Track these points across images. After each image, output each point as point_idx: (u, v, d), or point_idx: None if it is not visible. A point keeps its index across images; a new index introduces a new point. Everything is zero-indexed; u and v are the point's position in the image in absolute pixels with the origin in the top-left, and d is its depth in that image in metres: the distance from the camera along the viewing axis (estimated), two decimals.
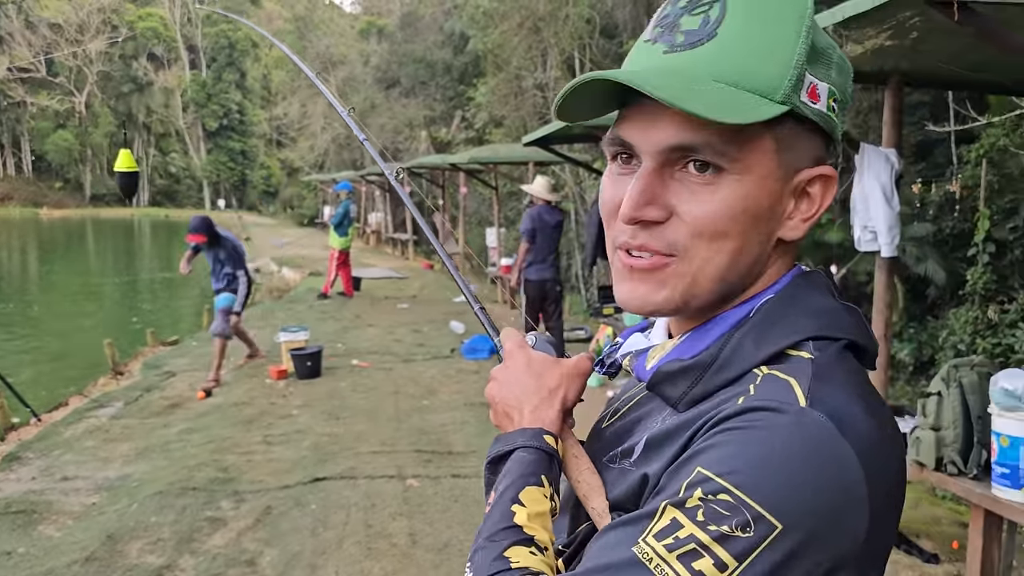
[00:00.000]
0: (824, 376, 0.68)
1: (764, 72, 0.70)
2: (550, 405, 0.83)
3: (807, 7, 0.72)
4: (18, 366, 10.41)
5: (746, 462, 0.63)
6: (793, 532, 0.61)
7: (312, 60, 37.92)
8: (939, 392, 3.62)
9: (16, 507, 4.67)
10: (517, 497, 0.76)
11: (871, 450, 0.65)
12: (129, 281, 22.77)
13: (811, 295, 0.75)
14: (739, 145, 0.70)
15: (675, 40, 0.73)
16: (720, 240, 0.72)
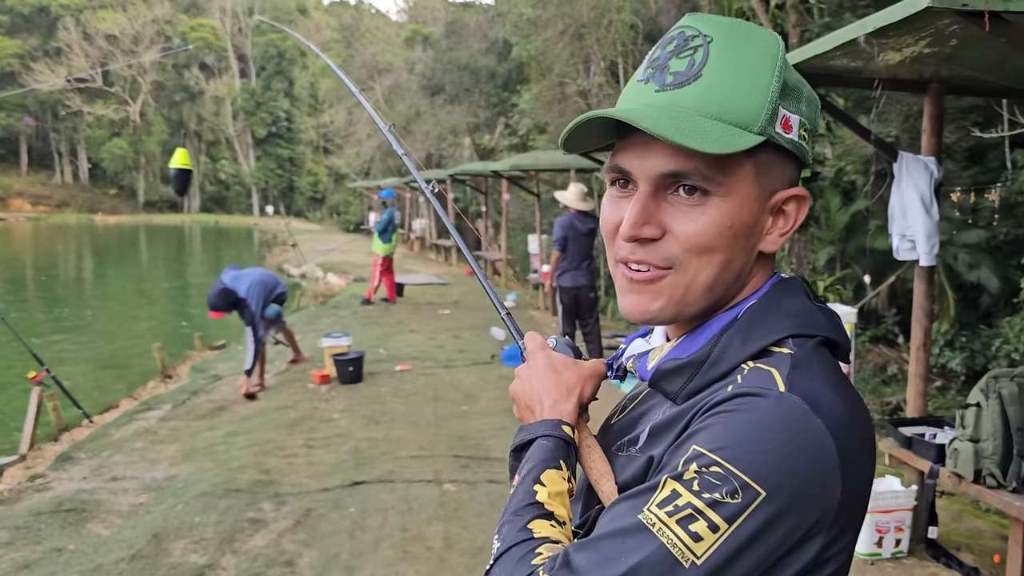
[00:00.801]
0: (801, 367, 0.78)
1: (743, 107, 0.81)
2: (568, 400, 0.93)
3: (778, 50, 0.83)
4: (72, 369, 10.76)
5: (733, 439, 0.73)
6: (775, 498, 0.71)
7: (358, 68, 38.45)
8: (978, 403, 3.58)
9: (68, 506, 4.84)
10: (539, 478, 0.86)
11: (842, 428, 0.75)
12: (180, 286, 23.32)
13: (789, 299, 0.86)
14: (723, 171, 0.81)
15: (665, 80, 0.84)
16: (709, 254, 0.83)
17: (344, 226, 43.25)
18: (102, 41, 68.52)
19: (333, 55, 52.95)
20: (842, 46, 3.39)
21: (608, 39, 14.72)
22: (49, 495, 5.10)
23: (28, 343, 7.36)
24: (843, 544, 0.77)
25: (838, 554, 0.77)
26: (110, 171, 70.83)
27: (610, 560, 0.73)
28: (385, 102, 35.36)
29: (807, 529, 0.74)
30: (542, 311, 11.78)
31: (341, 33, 47.54)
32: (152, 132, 71.16)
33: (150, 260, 34.07)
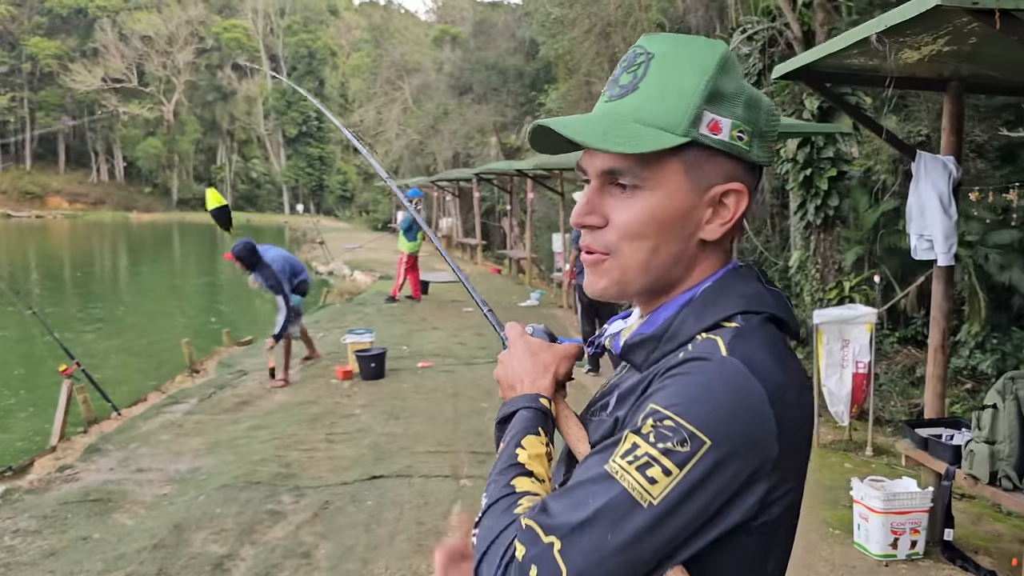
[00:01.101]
0: (743, 336, 0.89)
1: (667, 113, 0.92)
2: (544, 376, 1.05)
3: (712, 62, 0.93)
4: (103, 363, 10.99)
5: (683, 397, 0.84)
6: (718, 446, 0.81)
7: (387, 68, 38.71)
8: (994, 404, 3.55)
9: (94, 495, 4.96)
10: (520, 443, 0.97)
11: (777, 388, 0.85)
12: (209, 282, 23.66)
13: (741, 283, 0.96)
14: (649, 168, 0.92)
15: (614, 92, 0.97)
16: (638, 240, 0.94)
17: (372, 224, 43.54)
18: (137, 42, 69.60)
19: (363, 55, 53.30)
20: (858, 45, 3.38)
21: (635, 38, 14.68)
22: (77, 485, 5.22)
23: (59, 337, 7.53)
24: (785, 490, 0.87)
25: (781, 498, 0.87)
26: (145, 170, 71.95)
27: (580, 504, 0.83)
28: (413, 102, 35.57)
29: (750, 474, 0.83)
30: (565, 309, 11.79)
31: (371, 33, 47.85)
32: (185, 131, 72.16)
33: (182, 257, 34.58)
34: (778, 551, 0.92)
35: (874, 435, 5.98)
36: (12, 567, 3.97)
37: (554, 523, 0.83)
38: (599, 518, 0.81)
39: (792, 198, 10.06)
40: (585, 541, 0.81)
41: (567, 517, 0.82)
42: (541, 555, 0.82)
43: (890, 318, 10.83)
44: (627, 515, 0.81)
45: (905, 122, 11.35)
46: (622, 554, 0.81)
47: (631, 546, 0.81)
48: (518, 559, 0.83)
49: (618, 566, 0.81)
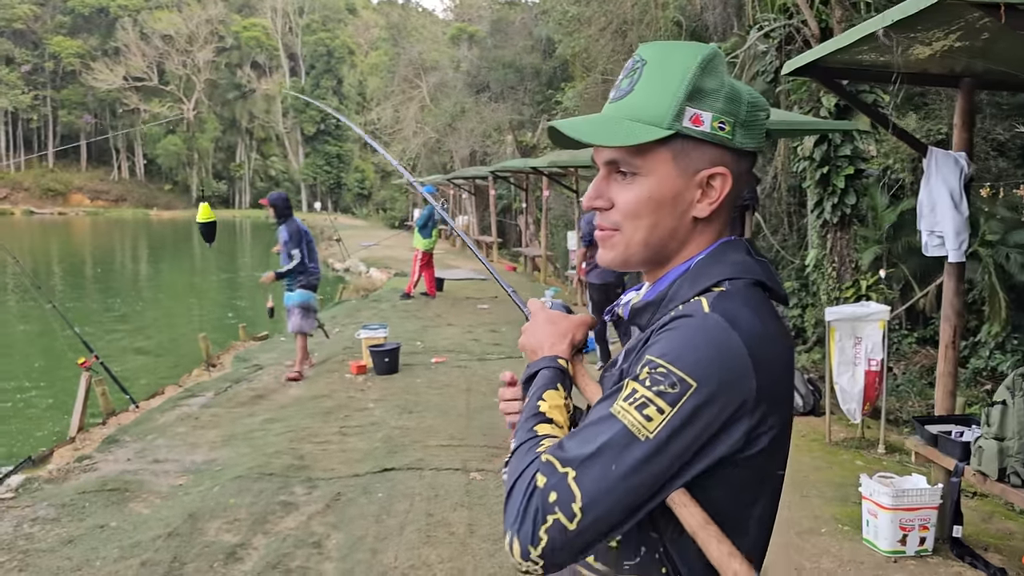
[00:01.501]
0: (726, 296, 1.03)
1: (655, 110, 1.06)
2: (562, 342, 1.20)
3: (695, 63, 1.06)
4: (123, 357, 11.14)
5: (672, 348, 0.99)
6: (703, 387, 0.96)
7: (405, 66, 38.78)
8: (1004, 401, 3.54)
9: (111, 485, 5.04)
10: (542, 396, 1.12)
11: (755, 341, 0.99)
12: (228, 279, 23.85)
13: (732, 253, 1.10)
14: (643, 157, 1.08)
15: (615, 95, 1.13)
16: (637, 219, 1.10)
17: (390, 222, 43.70)
18: (158, 41, 70.19)
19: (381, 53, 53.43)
20: (866, 40, 3.38)
21: (651, 36, 14.66)
22: (95, 475, 5.31)
23: (78, 331, 7.64)
24: (768, 426, 1.00)
25: (765, 433, 1.00)
26: (165, 167, 72.63)
27: (588, 440, 0.98)
28: (431, 100, 35.64)
29: (732, 412, 0.97)
30: (580, 307, 11.81)
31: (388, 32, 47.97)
32: (205, 129, 72.71)
33: (202, 254, 34.86)
34: (770, 481, 1.06)
35: (887, 433, 5.96)
36: (31, 553, 4.05)
37: (568, 456, 0.97)
38: (604, 451, 0.96)
39: (809, 196, 10.00)
40: (594, 470, 0.95)
41: (578, 451, 0.97)
42: (559, 483, 0.95)
43: (909, 318, 10.75)
44: (627, 448, 0.95)
45: (925, 120, 11.26)
46: (625, 481, 0.95)
47: (632, 474, 0.95)
48: (540, 487, 0.96)
49: (623, 491, 0.95)
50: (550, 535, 0.94)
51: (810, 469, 5.29)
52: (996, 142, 10.95)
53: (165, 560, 3.91)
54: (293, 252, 7.77)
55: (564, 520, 0.94)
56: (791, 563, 3.93)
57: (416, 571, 3.79)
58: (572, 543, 0.95)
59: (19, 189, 70.58)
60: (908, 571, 3.85)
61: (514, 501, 0.98)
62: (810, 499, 4.75)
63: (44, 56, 71.15)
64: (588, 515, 0.94)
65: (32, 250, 32.91)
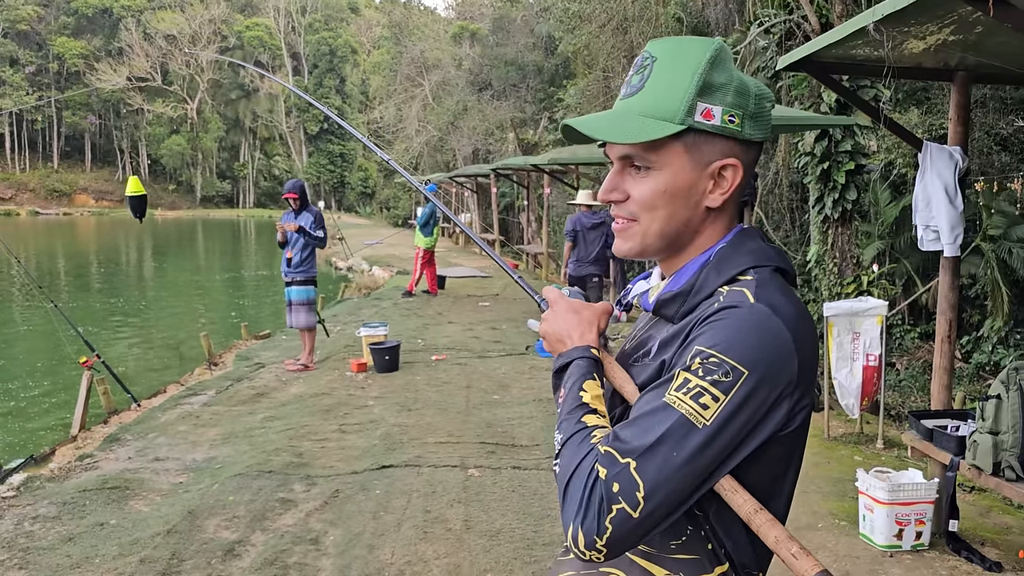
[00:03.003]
0: (763, 285, 1.08)
1: (666, 106, 1.10)
2: (591, 330, 1.22)
3: (704, 59, 1.10)
4: (125, 356, 11.18)
5: (724, 338, 1.03)
6: (755, 373, 1.01)
7: (407, 65, 38.78)
8: (998, 395, 3.54)
9: (112, 483, 5.06)
10: (583, 387, 1.14)
11: (795, 324, 1.05)
12: (232, 278, 23.91)
13: (749, 242, 1.15)
14: (655, 152, 1.12)
15: (626, 91, 1.16)
16: (653, 210, 1.14)
17: (393, 221, 43.75)
18: (161, 41, 70.30)
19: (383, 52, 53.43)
20: (858, 35, 3.38)
21: (652, 32, 14.64)
22: (96, 474, 5.33)
23: (79, 330, 7.67)
24: (803, 404, 1.07)
25: (801, 411, 1.07)
26: (169, 167, 72.76)
27: (647, 431, 1.01)
28: (433, 98, 35.64)
29: (778, 395, 1.03)
30: None
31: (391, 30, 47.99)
32: (209, 129, 72.81)
33: (206, 253, 34.95)
34: (798, 453, 1.13)
35: (887, 428, 5.96)
36: (31, 551, 4.07)
37: (628, 447, 1.00)
38: (664, 440, 1.00)
39: (810, 192, 10.00)
40: (656, 459, 0.99)
41: (638, 441, 1.00)
42: (621, 473, 0.99)
43: (911, 314, 10.73)
44: (687, 436, 1.00)
45: (927, 115, 11.23)
46: (685, 467, 1.00)
47: (692, 460, 1.00)
48: (602, 478, 1.00)
49: (683, 477, 1.00)
50: (615, 524, 0.98)
51: (808, 465, 5.29)
52: (999, 136, 10.92)
53: (164, 557, 3.93)
54: (318, 232, 8.05)
55: (628, 509, 0.98)
56: None
57: (413, 567, 3.80)
58: (636, 530, 0.99)
59: (24, 190, 70.82)
60: (904, 565, 3.85)
61: (574, 494, 1.01)
62: (808, 494, 4.75)
63: (48, 57, 71.34)
64: (651, 503, 0.98)
65: (37, 250, 33.02)
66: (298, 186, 8.20)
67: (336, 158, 73.48)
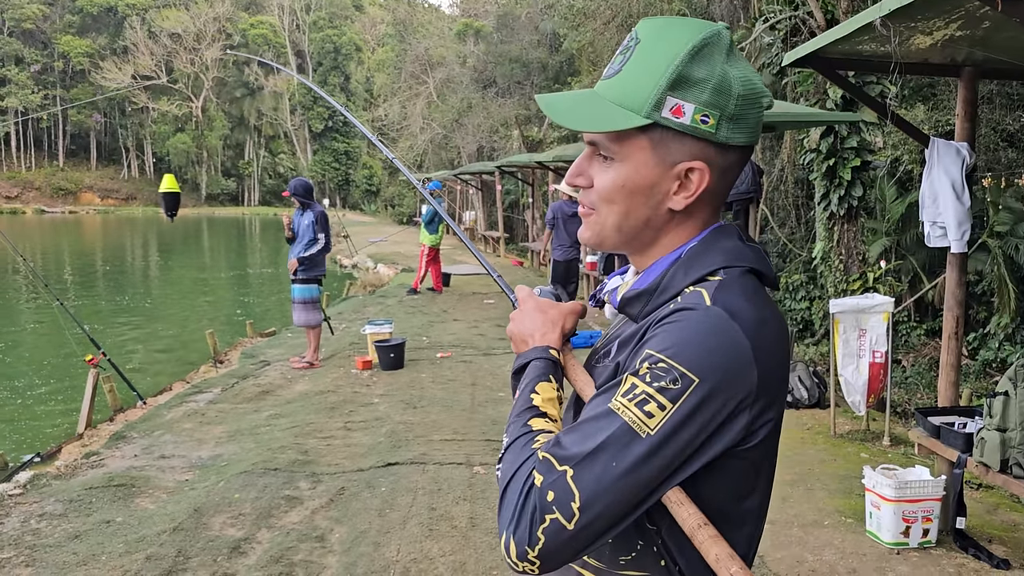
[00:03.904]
0: (725, 287, 1.00)
1: (635, 96, 1.02)
2: (553, 331, 1.17)
3: (679, 53, 1.00)
4: (130, 354, 11.21)
5: (674, 342, 0.95)
6: (706, 382, 0.93)
7: (412, 62, 38.77)
8: (1006, 392, 3.52)
9: (118, 481, 5.08)
10: (535, 389, 1.10)
11: (755, 330, 0.97)
12: (237, 276, 23.95)
13: (724, 240, 1.07)
14: (619, 143, 1.05)
15: (606, 72, 1.08)
16: (611, 204, 1.08)
17: (398, 218, 43.74)
18: (166, 39, 70.41)
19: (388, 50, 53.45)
20: (865, 30, 3.36)
21: None
22: (102, 471, 5.34)
23: (86, 328, 7.69)
24: (766, 419, 0.99)
25: (763, 426, 0.99)
26: (174, 165, 72.83)
27: (588, 437, 0.95)
28: (437, 96, 35.63)
29: (734, 407, 0.95)
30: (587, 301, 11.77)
31: (395, 28, 47.98)
32: (214, 127, 72.92)
33: (212, 251, 35.01)
34: (766, 472, 1.05)
35: (894, 425, 5.94)
36: (38, 548, 4.08)
37: (566, 454, 0.94)
38: (604, 448, 0.93)
39: (816, 188, 9.97)
40: (594, 468, 0.93)
41: (577, 448, 0.94)
42: (557, 481, 0.93)
43: (917, 310, 10.70)
44: (628, 445, 0.93)
45: (933, 111, 11.19)
46: (625, 478, 0.93)
47: (633, 471, 0.93)
48: (537, 486, 0.94)
49: (623, 489, 0.93)
50: (547, 535, 0.92)
51: (814, 462, 5.28)
52: (1006, 132, 10.87)
53: (170, 554, 3.94)
54: (319, 236, 7.95)
55: (562, 520, 0.92)
56: (793, 556, 3.92)
57: (418, 564, 3.80)
58: (570, 543, 0.93)
59: (30, 188, 71.02)
60: (911, 563, 3.84)
61: (509, 501, 0.96)
62: (814, 492, 4.74)
63: (54, 56, 71.50)
64: (587, 514, 0.92)
65: (43, 249, 33.11)
66: (301, 185, 8.16)
67: (341, 156, 73.55)
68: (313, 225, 7.93)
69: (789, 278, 11.65)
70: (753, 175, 6.47)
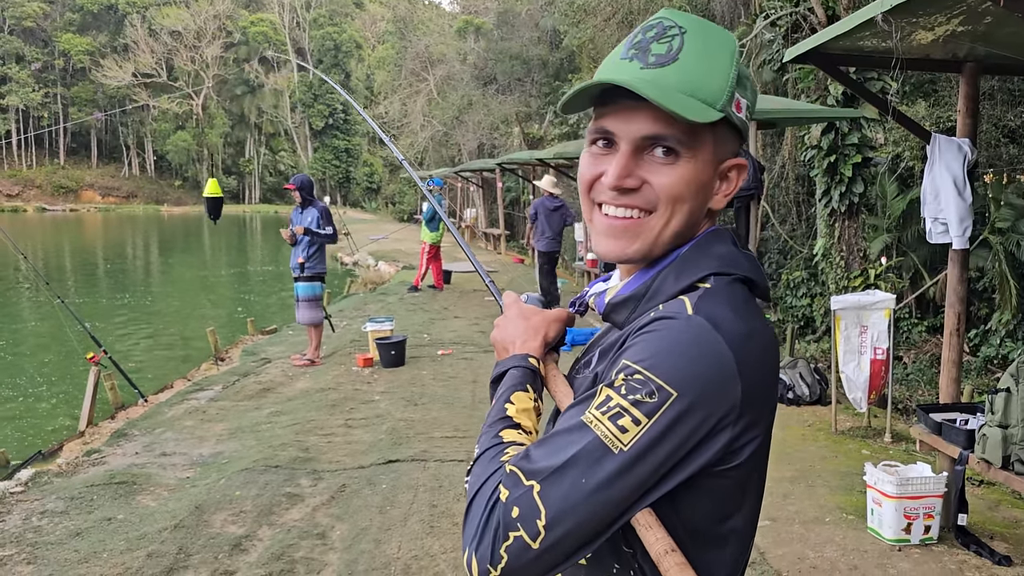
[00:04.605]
0: (710, 296, 0.96)
1: (711, 88, 0.98)
2: (535, 339, 1.12)
3: (735, 45, 1.00)
4: (131, 352, 11.21)
5: (651, 353, 0.90)
6: (684, 396, 0.88)
7: (412, 60, 38.72)
8: (1008, 388, 3.52)
9: (119, 478, 5.08)
10: (509, 398, 1.05)
11: (740, 343, 0.91)
12: (238, 273, 23.95)
13: (717, 245, 1.03)
14: (693, 137, 0.98)
15: (648, 60, 0.99)
16: (679, 203, 1.00)
17: (399, 216, 43.71)
18: (166, 37, 70.37)
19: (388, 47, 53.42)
20: (866, 26, 3.35)
21: None
22: (103, 469, 5.35)
23: (87, 326, 7.69)
24: (751, 436, 0.94)
25: (748, 444, 0.93)
26: (175, 163, 72.83)
27: (558, 450, 0.90)
28: (438, 93, 35.60)
29: (715, 423, 0.89)
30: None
31: (395, 25, 47.93)
32: (214, 125, 72.89)
33: (212, 249, 35.01)
34: (753, 493, 1.00)
35: (895, 422, 5.94)
36: (39, 546, 4.08)
37: (534, 468, 0.89)
38: (574, 463, 0.88)
39: (817, 185, 9.96)
40: (562, 484, 0.88)
41: (545, 463, 0.89)
42: (522, 497, 0.88)
43: (919, 307, 10.69)
44: (600, 461, 0.88)
45: (934, 107, 11.17)
46: (595, 496, 0.87)
47: (603, 489, 0.87)
48: (502, 501, 0.89)
49: (592, 507, 0.87)
50: (511, 554, 0.87)
51: (816, 459, 5.28)
52: (1007, 128, 10.85)
53: (171, 552, 3.94)
54: (327, 229, 8.05)
55: (527, 538, 0.87)
56: (795, 552, 3.92)
57: (419, 561, 3.80)
58: (535, 563, 0.88)
59: (31, 186, 71.02)
60: (913, 560, 3.84)
61: (474, 515, 0.92)
62: (815, 488, 4.74)
63: (54, 54, 71.47)
64: (553, 533, 0.87)
65: (44, 247, 33.12)
66: (303, 181, 8.20)
67: (341, 153, 73.50)
68: (318, 220, 7.99)
69: (790, 275, 11.64)
70: (754, 172, 6.46)
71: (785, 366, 6.78)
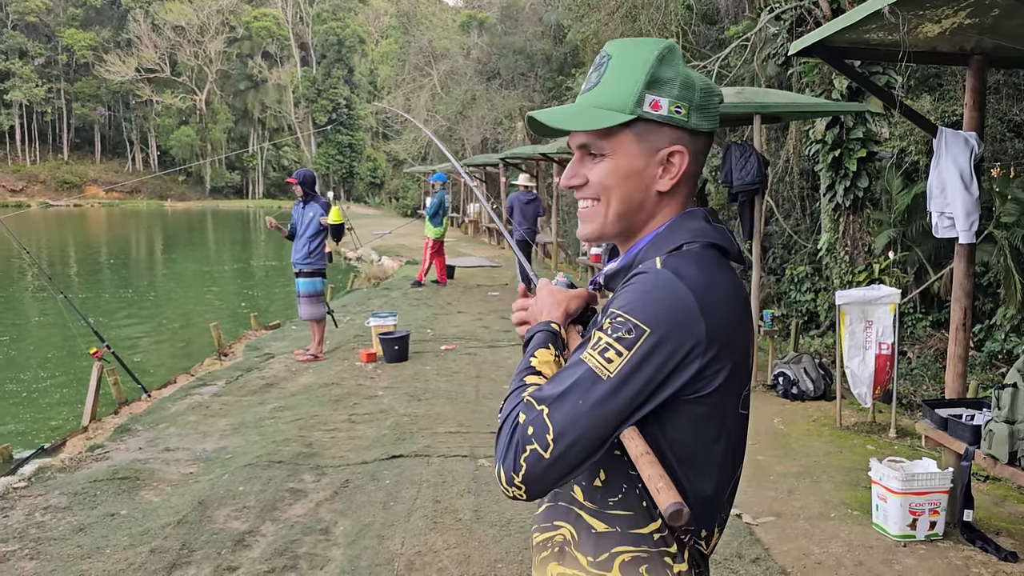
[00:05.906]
0: (678, 256, 1.18)
1: (618, 98, 1.23)
2: (557, 309, 1.34)
3: (649, 60, 1.22)
4: (135, 346, 11.21)
5: (629, 300, 1.14)
6: (656, 332, 1.11)
7: (415, 55, 38.67)
8: (1015, 383, 3.49)
9: (122, 474, 5.07)
10: (534, 353, 1.27)
11: (701, 289, 1.13)
12: (241, 268, 23.96)
13: (690, 221, 1.25)
14: (608, 140, 1.24)
15: (585, 87, 1.29)
16: (611, 190, 1.25)
17: (402, 211, 43.68)
18: (170, 32, 70.34)
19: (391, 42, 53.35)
20: (873, 18, 3.32)
21: (661, 20, 14.51)
22: (106, 464, 5.34)
23: (90, 321, 7.69)
24: (718, 367, 1.14)
25: (717, 373, 1.14)
26: (178, 158, 72.82)
27: (560, 382, 1.14)
28: (441, 88, 35.54)
29: (684, 354, 1.11)
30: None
31: (399, 20, 47.84)
32: (217, 120, 72.89)
33: (216, 244, 35.03)
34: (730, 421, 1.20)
35: (900, 417, 5.92)
36: (42, 541, 4.08)
37: (544, 395, 1.14)
38: (573, 389, 1.12)
39: (821, 179, 9.92)
40: (564, 406, 1.11)
41: (551, 391, 1.14)
42: (536, 419, 1.12)
43: (923, 302, 10.65)
44: (592, 386, 1.11)
45: (939, 101, 11.11)
46: (590, 414, 1.11)
47: (596, 408, 1.11)
48: (521, 423, 1.13)
49: (589, 423, 1.11)
50: (528, 463, 1.10)
51: (820, 454, 5.26)
52: (1013, 123, 10.80)
53: (174, 547, 3.93)
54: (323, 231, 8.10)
55: (540, 450, 1.10)
56: (800, 548, 3.90)
57: (422, 557, 3.80)
58: (549, 471, 1.11)
59: (35, 182, 71.11)
60: (918, 555, 3.82)
61: (503, 437, 1.14)
62: (820, 484, 4.72)
63: (58, 49, 71.49)
64: (559, 445, 1.10)
65: (48, 242, 33.16)
66: (305, 175, 8.20)
67: (345, 148, 73.44)
68: (323, 215, 8.00)
69: (794, 270, 11.61)
70: (758, 166, 6.42)
71: (789, 361, 6.75)
